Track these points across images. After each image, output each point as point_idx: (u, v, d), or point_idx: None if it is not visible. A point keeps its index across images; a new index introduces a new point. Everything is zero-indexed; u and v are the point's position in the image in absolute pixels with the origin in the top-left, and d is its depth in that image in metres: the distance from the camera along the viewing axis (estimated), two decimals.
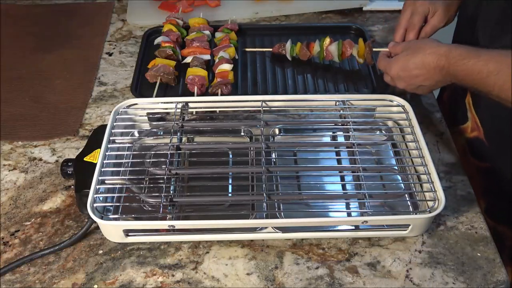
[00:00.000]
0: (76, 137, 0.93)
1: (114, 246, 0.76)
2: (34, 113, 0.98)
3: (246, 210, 0.80)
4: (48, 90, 1.03)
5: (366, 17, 1.23)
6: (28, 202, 0.82)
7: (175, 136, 0.84)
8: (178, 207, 0.79)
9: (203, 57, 1.04)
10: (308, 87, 1.03)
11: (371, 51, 1.01)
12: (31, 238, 0.77)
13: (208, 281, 0.72)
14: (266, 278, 0.72)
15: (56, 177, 0.86)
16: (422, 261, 0.74)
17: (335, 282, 0.72)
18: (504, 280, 0.72)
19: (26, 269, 0.73)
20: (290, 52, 1.06)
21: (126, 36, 1.18)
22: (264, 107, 0.87)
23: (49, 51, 1.13)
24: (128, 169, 0.82)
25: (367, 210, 0.76)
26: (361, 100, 0.90)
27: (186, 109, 0.89)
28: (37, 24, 1.21)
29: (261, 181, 0.78)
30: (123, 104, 0.88)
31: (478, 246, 0.76)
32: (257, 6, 1.24)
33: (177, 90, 1.02)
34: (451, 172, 0.86)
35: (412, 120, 0.85)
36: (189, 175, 0.85)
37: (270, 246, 0.76)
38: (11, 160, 0.89)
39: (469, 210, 0.81)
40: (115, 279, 0.72)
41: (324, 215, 0.80)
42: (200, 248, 0.76)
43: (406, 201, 0.81)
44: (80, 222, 0.79)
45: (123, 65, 1.10)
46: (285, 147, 0.90)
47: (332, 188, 0.85)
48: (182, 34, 1.12)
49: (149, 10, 1.24)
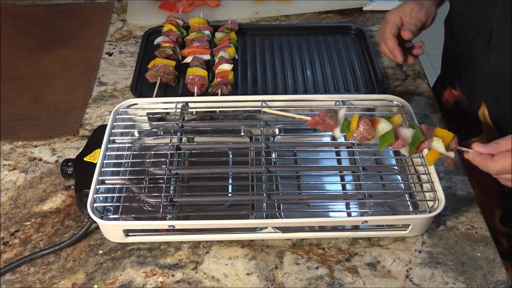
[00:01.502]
0: (76, 137, 0.93)
1: (114, 246, 0.76)
2: (34, 113, 0.98)
3: (246, 210, 0.80)
4: (48, 90, 1.03)
5: (366, 17, 1.23)
6: (28, 202, 0.82)
7: (175, 136, 0.83)
8: (178, 207, 0.79)
9: (203, 57, 1.04)
10: (308, 87, 1.03)
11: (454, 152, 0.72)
12: (31, 238, 0.77)
13: (208, 281, 0.72)
14: (266, 278, 0.72)
15: (56, 177, 0.86)
16: (422, 261, 0.74)
17: (335, 282, 0.72)
18: (504, 280, 0.72)
19: (26, 269, 0.73)
20: (343, 128, 0.71)
21: (126, 36, 1.18)
22: (264, 107, 0.87)
23: (49, 51, 1.13)
24: (128, 169, 0.82)
25: (367, 210, 0.76)
26: (361, 100, 0.90)
27: (186, 109, 0.89)
28: (37, 24, 1.21)
29: (261, 181, 0.78)
30: (123, 104, 0.88)
31: (478, 246, 0.76)
32: (257, 6, 1.24)
33: (177, 90, 1.02)
34: (451, 172, 0.86)
35: (412, 120, 0.84)
36: (189, 175, 0.85)
37: (270, 246, 0.76)
38: (11, 160, 0.89)
39: (469, 210, 0.81)
40: (115, 279, 0.72)
41: (324, 215, 0.81)
42: (200, 248, 0.76)
43: (406, 201, 0.81)
44: (80, 222, 0.79)
45: (123, 65, 1.10)
46: (285, 147, 0.90)
47: (332, 188, 0.85)
48: (182, 34, 1.12)
49: (149, 10, 1.24)
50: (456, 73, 1.00)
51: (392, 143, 0.69)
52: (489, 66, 0.87)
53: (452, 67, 1.03)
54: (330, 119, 0.69)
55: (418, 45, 0.96)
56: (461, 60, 0.96)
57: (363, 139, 0.70)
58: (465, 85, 0.97)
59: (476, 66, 0.91)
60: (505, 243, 0.98)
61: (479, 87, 0.92)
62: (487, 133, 0.92)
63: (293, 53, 1.11)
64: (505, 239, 0.98)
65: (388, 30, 0.92)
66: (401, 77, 1.05)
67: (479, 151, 0.69)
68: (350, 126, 0.70)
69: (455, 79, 1.01)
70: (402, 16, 0.93)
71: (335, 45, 1.13)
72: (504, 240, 0.98)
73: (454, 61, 1.01)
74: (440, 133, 0.70)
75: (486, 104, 0.91)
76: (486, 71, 0.88)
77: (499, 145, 0.68)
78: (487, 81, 0.89)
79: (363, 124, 0.69)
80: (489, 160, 0.67)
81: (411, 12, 0.93)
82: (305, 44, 1.14)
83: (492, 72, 0.87)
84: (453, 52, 1.01)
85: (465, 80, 0.97)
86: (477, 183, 0.90)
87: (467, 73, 0.95)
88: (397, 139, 0.69)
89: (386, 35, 0.93)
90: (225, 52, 1.05)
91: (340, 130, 0.70)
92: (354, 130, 0.70)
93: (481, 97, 0.92)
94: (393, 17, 0.93)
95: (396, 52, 0.91)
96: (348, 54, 1.11)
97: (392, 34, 0.92)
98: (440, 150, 0.69)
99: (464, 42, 0.94)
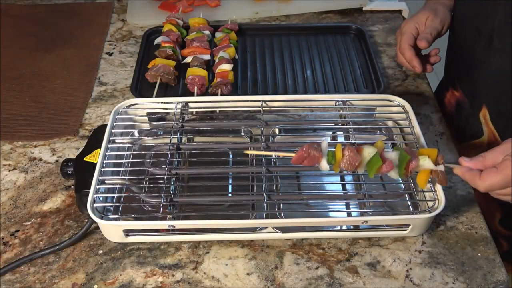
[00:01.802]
0: (76, 137, 0.93)
1: (114, 246, 0.76)
2: (34, 113, 0.98)
3: (246, 210, 0.80)
4: (48, 90, 1.03)
5: (366, 17, 1.23)
6: (28, 202, 0.82)
7: (175, 136, 0.83)
8: (178, 207, 0.79)
9: (203, 57, 1.04)
10: (308, 87, 1.03)
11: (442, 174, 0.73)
12: (31, 238, 0.77)
13: (208, 281, 0.72)
14: (266, 278, 0.72)
15: (56, 177, 0.86)
16: (422, 261, 0.74)
17: (335, 282, 0.72)
18: (504, 280, 0.72)
19: (26, 269, 0.73)
20: (329, 160, 0.72)
21: (126, 36, 1.18)
22: (264, 107, 0.87)
23: (49, 51, 1.13)
24: (128, 169, 0.82)
25: (367, 210, 0.76)
26: (361, 100, 0.90)
27: (186, 109, 0.89)
28: (37, 24, 1.21)
29: (261, 181, 0.78)
30: (123, 104, 0.88)
31: (478, 246, 0.76)
32: (257, 6, 1.24)
33: (177, 90, 1.02)
34: (451, 172, 0.86)
35: (412, 120, 0.84)
36: (189, 175, 0.85)
37: (270, 246, 0.76)
38: (11, 160, 0.89)
39: (469, 210, 0.81)
40: (115, 279, 0.72)
41: (324, 215, 0.81)
42: (200, 248, 0.76)
43: (406, 201, 0.81)
44: (80, 222, 0.79)
45: (123, 65, 1.10)
46: (285, 147, 0.90)
47: (332, 188, 0.85)
48: (182, 34, 1.12)
49: (149, 10, 1.24)
50: (458, 74, 1.00)
51: (380, 166, 0.70)
52: (490, 68, 0.87)
53: (454, 68, 1.03)
54: (314, 150, 0.69)
55: (434, 53, 0.96)
56: (462, 61, 0.96)
57: (351, 166, 0.70)
58: (466, 87, 0.97)
59: (477, 68, 0.90)
60: (505, 245, 0.98)
61: (480, 89, 0.92)
62: (487, 135, 0.92)
63: (293, 53, 1.11)
64: (505, 241, 0.98)
65: (404, 41, 0.93)
66: (401, 77, 1.05)
67: (467, 166, 0.69)
68: (336, 156, 0.70)
69: (456, 80, 1.01)
70: (417, 26, 0.93)
71: (335, 45, 1.13)
72: (504, 242, 0.98)
73: (455, 62, 1.01)
74: (424, 152, 0.72)
75: (486, 106, 0.91)
76: (487, 73, 0.88)
77: (485, 159, 0.69)
78: (488, 82, 0.89)
79: (347, 152, 0.70)
80: (477, 178, 0.68)
81: (426, 21, 0.93)
82: (305, 44, 1.14)
83: (493, 74, 0.87)
84: (455, 53, 1.01)
85: (466, 81, 0.97)
86: None
87: (468, 74, 0.95)
88: (384, 162, 0.70)
89: (403, 46, 0.93)
90: (225, 52, 1.05)
91: (327, 161, 0.70)
92: (340, 159, 0.70)
93: (482, 99, 0.91)
94: (409, 28, 0.93)
95: (415, 62, 0.92)
96: (348, 54, 1.11)
97: (409, 44, 0.92)
98: (429, 167, 0.70)
99: (465, 43, 0.94)
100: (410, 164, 0.70)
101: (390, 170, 0.70)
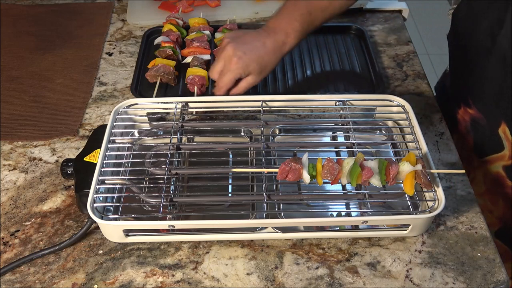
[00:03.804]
0: (76, 137, 0.93)
1: (114, 246, 0.76)
2: (34, 113, 0.98)
3: (246, 210, 0.80)
4: (48, 90, 1.03)
5: (366, 17, 1.23)
6: (28, 202, 0.82)
7: (175, 136, 0.83)
8: (178, 207, 0.79)
9: (203, 57, 1.04)
10: (308, 87, 1.03)
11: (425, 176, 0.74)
12: (31, 238, 0.77)
13: (208, 281, 0.72)
14: (266, 278, 0.72)
15: (56, 177, 0.86)
16: (422, 261, 0.74)
17: (335, 282, 0.72)
18: (504, 280, 0.72)
19: (26, 269, 0.73)
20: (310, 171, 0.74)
21: (126, 36, 1.18)
22: (264, 107, 0.87)
23: (49, 51, 1.13)
24: (128, 169, 0.82)
25: (367, 210, 0.75)
26: (361, 100, 0.90)
27: (186, 109, 0.89)
28: (37, 24, 1.21)
29: (261, 181, 0.78)
30: (123, 104, 0.88)
31: (478, 246, 0.76)
32: (257, 6, 1.24)
33: (177, 90, 1.02)
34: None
35: (412, 120, 0.84)
36: (189, 175, 0.85)
37: (270, 246, 0.76)
38: (11, 160, 0.89)
39: (469, 210, 0.81)
40: (115, 279, 0.72)
41: (324, 215, 0.81)
42: (200, 248, 0.76)
43: (406, 201, 0.81)
44: (80, 222, 0.79)
45: (123, 65, 1.10)
46: (285, 147, 0.90)
47: (332, 188, 0.85)
48: (182, 34, 1.12)
49: (149, 10, 1.24)
50: (469, 92, 0.97)
51: (360, 173, 0.73)
52: (506, 85, 0.85)
53: (463, 84, 0.99)
54: (295, 163, 0.73)
55: None
56: (472, 79, 0.94)
57: (331, 176, 0.73)
58: (480, 105, 0.94)
59: (491, 84, 0.88)
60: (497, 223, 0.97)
61: (496, 107, 0.89)
62: (509, 149, 0.90)
63: (293, 53, 1.11)
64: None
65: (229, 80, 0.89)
66: (401, 77, 1.05)
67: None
68: (316, 168, 0.74)
69: (469, 98, 0.97)
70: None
71: (335, 45, 1.13)
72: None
73: (463, 78, 0.99)
74: (403, 159, 0.76)
75: (505, 122, 0.88)
76: (502, 90, 0.86)
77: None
78: (505, 99, 0.87)
79: (327, 162, 0.74)
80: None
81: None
82: (305, 44, 1.13)
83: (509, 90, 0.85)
84: (462, 70, 0.99)
85: (479, 99, 0.94)
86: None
87: (481, 91, 0.92)
88: (363, 170, 0.73)
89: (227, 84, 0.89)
90: None
91: (308, 172, 0.73)
92: (320, 170, 0.74)
93: (499, 116, 0.89)
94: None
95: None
96: (348, 54, 1.11)
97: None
98: (409, 169, 0.73)
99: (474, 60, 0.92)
100: (390, 169, 0.74)
101: (370, 177, 0.74)
